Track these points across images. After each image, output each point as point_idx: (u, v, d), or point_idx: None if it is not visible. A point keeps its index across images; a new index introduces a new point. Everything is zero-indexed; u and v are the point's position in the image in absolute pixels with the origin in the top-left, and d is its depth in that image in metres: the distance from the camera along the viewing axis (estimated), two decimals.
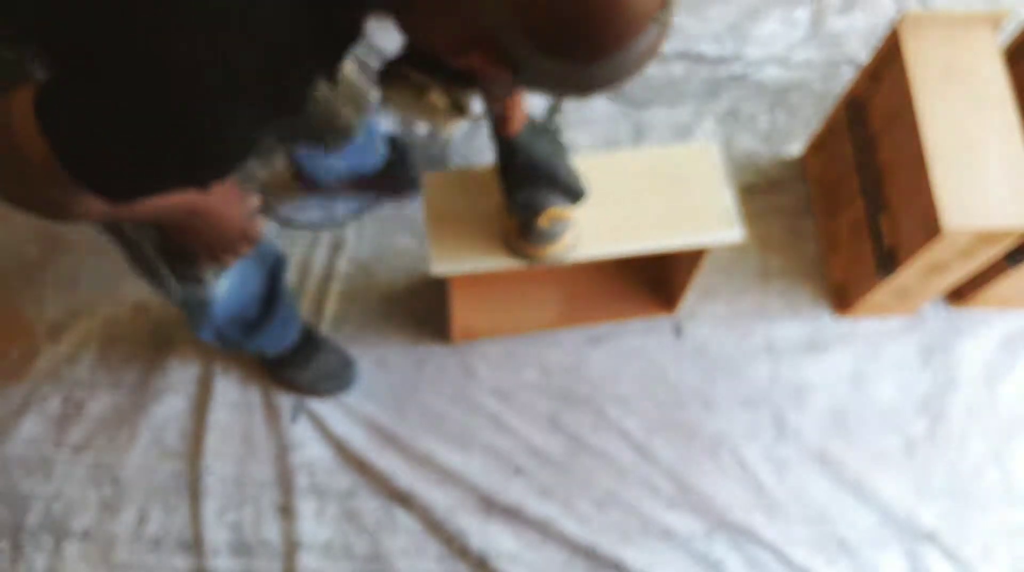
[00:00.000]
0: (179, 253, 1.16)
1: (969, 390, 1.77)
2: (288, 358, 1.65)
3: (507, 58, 0.73)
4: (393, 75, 0.84)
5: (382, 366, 1.75)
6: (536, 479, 1.67)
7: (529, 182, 1.31)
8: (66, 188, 0.77)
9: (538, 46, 0.70)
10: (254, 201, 1.17)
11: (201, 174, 0.78)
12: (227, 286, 1.34)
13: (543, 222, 1.30)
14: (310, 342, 1.67)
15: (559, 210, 1.30)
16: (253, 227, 1.17)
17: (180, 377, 1.72)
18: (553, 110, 2.00)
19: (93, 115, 0.72)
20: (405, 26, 0.77)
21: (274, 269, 1.46)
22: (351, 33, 0.80)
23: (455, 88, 0.82)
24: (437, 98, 0.82)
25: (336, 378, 1.70)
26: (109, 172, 0.76)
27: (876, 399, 1.76)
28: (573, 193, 1.33)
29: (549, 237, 1.35)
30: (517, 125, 1.31)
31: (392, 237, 1.85)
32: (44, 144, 0.73)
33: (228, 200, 1.11)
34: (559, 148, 1.35)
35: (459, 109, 0.84)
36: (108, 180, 0.76)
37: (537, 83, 0.76)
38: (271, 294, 1.48)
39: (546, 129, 1.36)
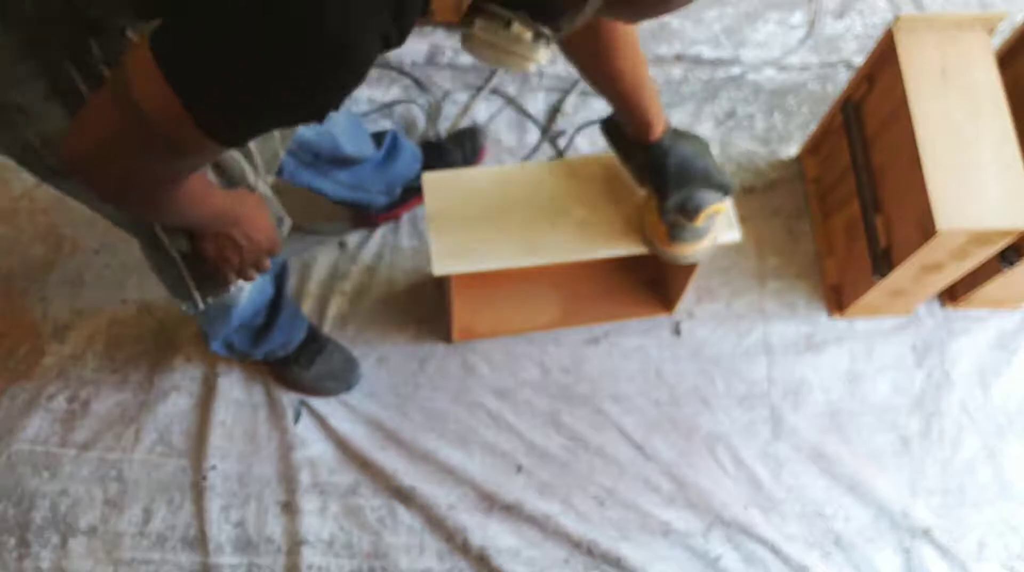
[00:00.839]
0: (207, 270, 1.18)
1: (963, 389, 1.79)
2: (292, 358, 1.67)
3: None
4: (477, 11, 0.85)
5: (384, 365, 1.76)
6: (536, 476, 1.69)
7: (684, 183, 1.31)
8: (175, 148, 0.77)
9: None
10: (276, 214, 1.19)
11: (331, 89, 0.74)
12: (247, 294, 1.37)
13: (700, 221, 1.30)
14: (315, 342, 1.68)
15: (715, 206, 1.31)
16: (277, 242, 1.18)
17: (184, 376, 1.74)
18: (556, 109, 2.03)
19: (212, 32, 0.69)
20: None
21: (280, 275, 1.49)
22: None
23: (537, 17, 0.83)
24: (520, 29, 0.83)
25: (340, 378, 1.72)
26: (232, 95, 0.72)
27: (871, 398, 1.78)
28: (725, 187, 1.34)
29: (702, 233, 1.35)
30: (660, 129, 1.32)
31: (394, 237, 1.87)
32: (161, 85, 0.71)
33: (260, 213, 1.13)
34: (703, 145, 1.36)
35: (543, 38, 0.85)
36: (230, 107, 0.73)
37: None
38: (276, 300, 1.50)
39: (683, 132, 1.37)
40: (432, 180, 1.48)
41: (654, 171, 1.35)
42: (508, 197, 1.46)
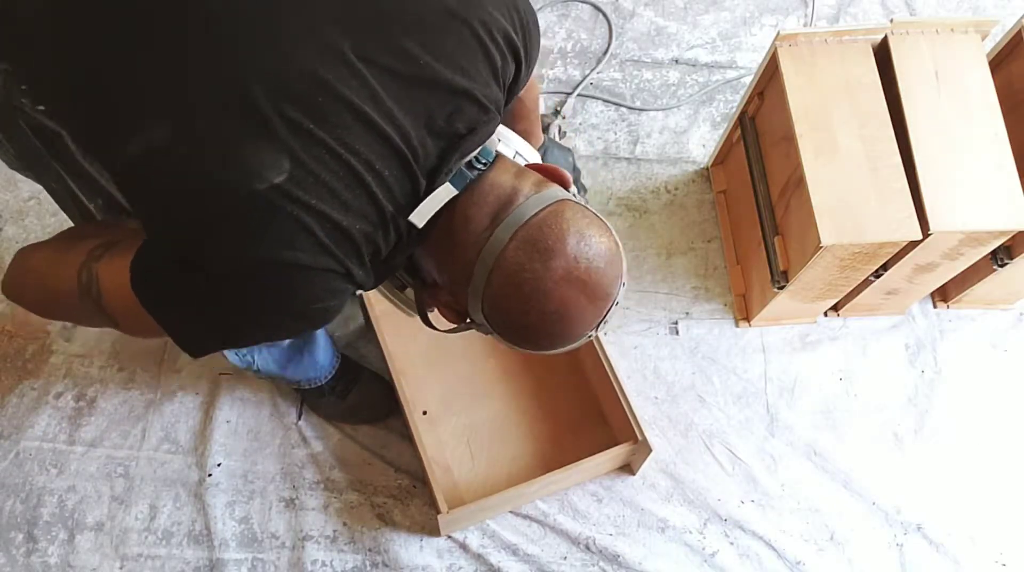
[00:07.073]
0: None
1: (955, 387, 1.81)
2: (328, 388, 1.66)
3: (464, 315, 0.97)
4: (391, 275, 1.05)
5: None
6: None
7: None
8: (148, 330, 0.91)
9: (497, 332, 0.93)
10: None
11: (299, 332, 0.98)
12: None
13: None
14: (348, 372, 1.68)
15: None
16: None
17: (190, 375, 1.77)
18: (556, 112, 2.05)
19: (193, 297, 0.86)
20: (423, 264, 1.00)
21: None
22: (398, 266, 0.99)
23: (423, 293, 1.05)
24: (410, 294, 1.10)
25: (377, 407, 1.71)
26: (202, 337, 0.92)
27: (865, 395, 1.81)
28: (582, 190, 1.43)
29: None
30: (537, 143, 1.40)
31: None
32: (134, 305, 0.87)
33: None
34: (567, 153, 1.50)
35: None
36: (197, 342, 0.93)
37: (480, 331, 0.98)
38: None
39: (554, 141, 1.49)
40: None
41: None
42: None
